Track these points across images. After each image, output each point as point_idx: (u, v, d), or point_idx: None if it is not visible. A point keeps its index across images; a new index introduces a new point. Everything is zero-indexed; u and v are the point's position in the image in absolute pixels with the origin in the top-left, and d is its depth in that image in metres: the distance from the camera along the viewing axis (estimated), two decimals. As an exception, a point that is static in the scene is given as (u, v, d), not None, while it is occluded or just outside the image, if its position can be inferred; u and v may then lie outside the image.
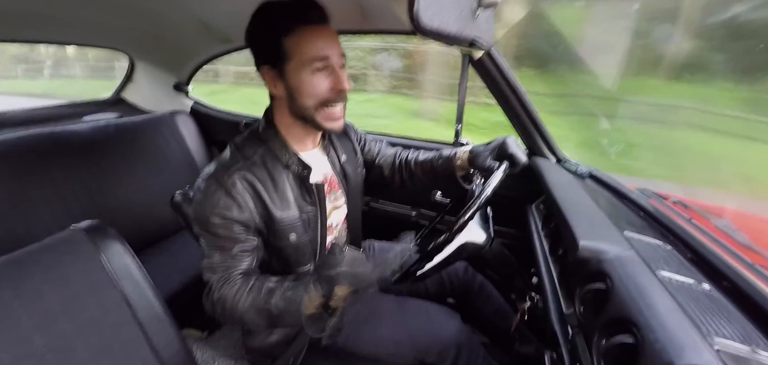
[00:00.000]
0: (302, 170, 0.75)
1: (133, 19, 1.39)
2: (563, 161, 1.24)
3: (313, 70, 0.68)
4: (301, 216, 0.76)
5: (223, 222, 0.69)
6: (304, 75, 0.68)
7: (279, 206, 0.73)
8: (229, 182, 0.69)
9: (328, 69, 0.69)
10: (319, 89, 0.69)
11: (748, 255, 0.64)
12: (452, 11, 0.58)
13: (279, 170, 0.74)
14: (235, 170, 0.70)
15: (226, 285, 0.71)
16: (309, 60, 0.67)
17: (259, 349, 0.89)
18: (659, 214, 0.83)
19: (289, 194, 0.75)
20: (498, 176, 0.79)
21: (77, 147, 1.36)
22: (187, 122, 1.84)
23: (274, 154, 0.74)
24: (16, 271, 0.58)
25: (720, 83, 4.09)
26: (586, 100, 4.60)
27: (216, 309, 0.72)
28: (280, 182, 0.74)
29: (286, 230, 0.75)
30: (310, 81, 0.68)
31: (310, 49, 0.66)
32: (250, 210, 0.71)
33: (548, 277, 0.81)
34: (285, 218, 0.74)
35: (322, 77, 0.69)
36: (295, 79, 0.68)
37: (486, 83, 1.21)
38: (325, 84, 0.69)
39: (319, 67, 0.68)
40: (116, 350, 0.63)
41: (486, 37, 0.77)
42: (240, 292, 0.70)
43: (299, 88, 0.69)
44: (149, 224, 1.51)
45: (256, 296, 0.69)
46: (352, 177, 0.92)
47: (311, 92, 0.69)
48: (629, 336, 0.47)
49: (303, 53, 0.66)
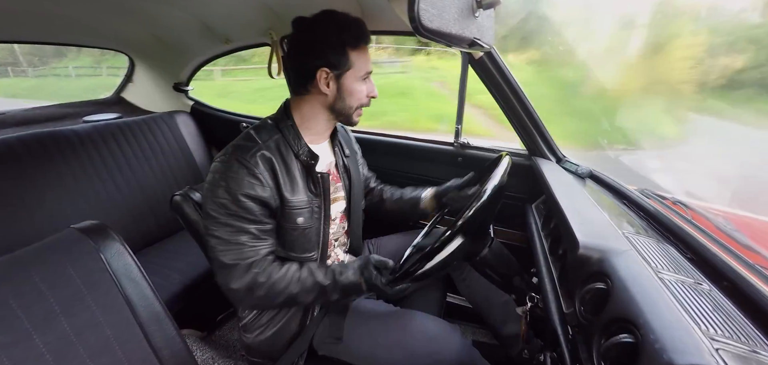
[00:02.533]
0: (310, 159, 0.83)
1: (133, 19, 1.39)
2: (563, 161, 1.24)
3: (363, 80, 0.84)
4: (309, 203, 0.84)
5: (247, 201, 0.73)
6: (358, 83, 0.83)
7: (290, 188, 0.80)
8: (251, 161, 0.75)
9: (367, 79, 0.85)
10: (362, 97, 0.85)
11: (748, 255, 0.64)
12: (452, 12, 0.59)
13: (291, 157, 0.82)
14: (256, 150, 0.76)
15: (271, 268, 0.77)
16: (364, 72, 0.83)
17: (258, 349, 0.89)
18: (659, 214, 0.83)
19: (299, 180, 0.82)
20: (498, 176, 0.78)
21: (78, 147, 1.35)
22: (187, 122, 1.84)
23: (287, 142, 0.82)
24: (16, 271, 0.58)
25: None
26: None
27: (258, 293, 0.76)
28: (291, 167, 0.81)
29: (295, 212, 0.81)
30: (360, 88, 0.84)
31: (365, 64, 0.83)
32: (271, 188, 0.77)
33: (548, 277, 0.82)
34: (294, 201, 0.81)
35: (365, 86, 0.85)
36: (351, 85, 0.82)
37: (486, 83, 1.21)
38: (365, 91, 0.85)
39: (365, 78, 0.84)
40: (116, 350, 0.63)
41: (486, 37, 0.78)
42: (289, 273, 0.78)
43: (352, 92, 0.83)
44: (149, 224, 1.51)
45: (306, 274, 0.80)
46: (353, 174, 0.99)
47: (358, 96, 0.84)
48: (629, 335, 0.47)
49: (362, 67, 0.82)
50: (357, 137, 1.54)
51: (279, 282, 0.77)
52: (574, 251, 0.66)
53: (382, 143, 1.53)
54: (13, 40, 1.41)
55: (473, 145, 1.40)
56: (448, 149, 1.42)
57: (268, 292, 0.77)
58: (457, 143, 1.40)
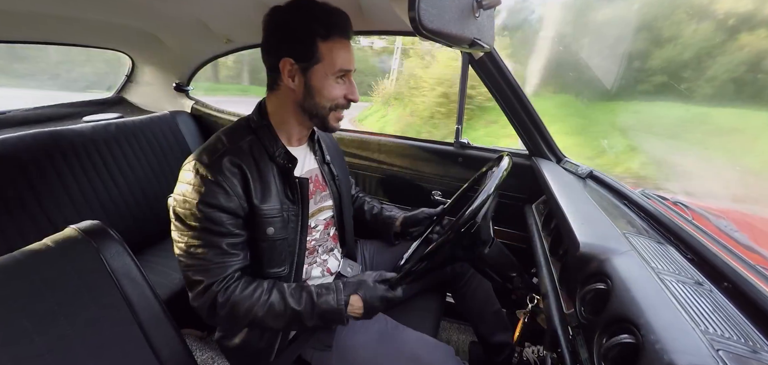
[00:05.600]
0: (287, 162, 0.76)
1: (134, 19, 1.39)
2: (563, 161, 1.24)
3: (336, 78, 0.74)
4: (282, 212, 0.76)
5: (210, 212, 0.66)
6: (328, 81, 0.73)
7: (260, 196, 0.72)
8: (214, 168, 0.67)
9: (345, 78, 0.76)
10: (336, 95, 0.75)
11: (748, 255, 0.64)
12: (453, 12, 0.58)
13: (265, 161, 0.75)
14: (222, 154, 0.69)
15: (233, 287, 0.69)
16: (336, 69, 0.72)
17: (239, 354, 0.84)
18: (660, 214, 0.83)
19: (273, 186, 0.75)
20: (498, 176, 0.79)
21: (78, 147, 1.35)
22: (188, 122, 1.84)
23: (262, 144, 0.76)
24: (16, 271, 0.58)
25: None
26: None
27: (220, 313, 0.69)
28: (265, 172, 0.74)
29: (265, 221, 0.73)
30: (332, 87, 0.74)
31: (340, 60, 0.72)
32: (238, 196, 0.69)
33: (549, 277, 0.81)
34: (264, 209, 0.72)
35: (340, 86, 0.75)
36: (319, 81, 0.73)
37: (486, 83, 1.21)
38: (341, 92, 0.75)
39: (341, 76, 0.74)
40: (116, 350, 0.63)
41: (487, 37, 0.77)
42: (255, 295, 0.70)
43: (320, 90, 0.73)
44: (149, 224, 1.51)
45: (277, 297, 0.72)
46: (340, 178, 0.94)
47: (330, 96, 0.74)
48: (630, 336, 0.47)
49: (333, 62, 0.72)
50: (357, 137, 1.55)
51: (241, 304, 0.69)
52: (575, 252, 0.66)
53: (382, 143, 1.53)
54: (13, 40, 1.41)
55: (473, 145, 1.40)
56: (448, 149, 1.42)
57: (229, 313, 0.69)
58: (457, 143, 1.40)
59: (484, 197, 0.73)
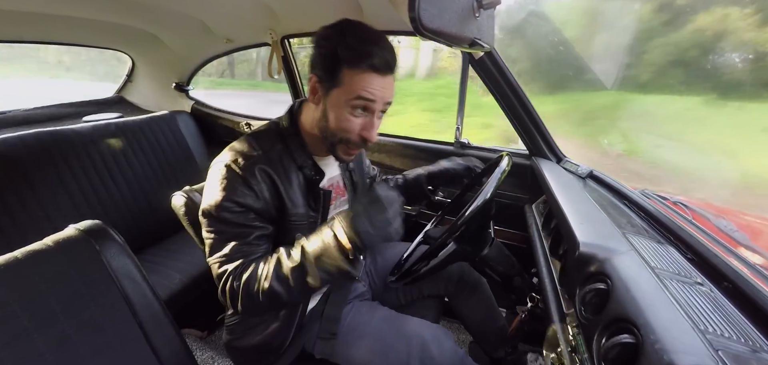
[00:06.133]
0: (314, 174, 0.77)
1: (134, 19, 1.39)
2: (563, 161, 1.24)
3: (352, 108, 0.68)
4: (308, 218, 0.77)
5: (240, 210, 0.68)
6: (343, 110, 0.68)
7: (290, 203, 0.74)
8: (247, 172, 0.69)
9: (365, 113, 0.70)
10: (348, 127, 0.70)
11: (748, 255, 0.64)
12: (453, 11, 0.59)
13: (294, 169, 0.75)
14: (254, 161, 0.70)
15: (247, 270, 0.69)
16: (354, 99, 0.67)
17: (246, 354, 0.85)
18: (660, 214, 0.83)
19: (299, 196, 0.76)
20: (497, 176, 0.79)
21: (78, 147, 1.36)
22: (188, 122, 1.84)
23: (290, 154, 0.75)
24: (16, 271, 0.58)
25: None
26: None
27: (237, 296, 0.68)
28: (293, 181, 0.75)
29: (295, 227, 0.75)
30: (345, 117, 0.69)
31: (360, 90, 0.66)
32: (266, 200, 0.71)
33: (549, 277, 0.81)
34: (295, 215, 0.75)
35: (356, 119, 0.69)
36: (334, 106, 0.69)
37: (486, 83, 1.21)
38: (356, 126, 0.70)
39: (359, 109, 0.68)
40: (116, 350, 0.63)
41: (487, 37, 0.77)
42: (260, 267, 0.68)
43: (334, 116, 0.70)
44: (149, 224, 1.51)
45: (276, 264, 0.67)
46: (359, 185, 0.95)
47: (341, 126, 0.70)
48: (630, 336, 0.47)
49: (352, 90, 0.66)
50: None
51: (250, 283, 0.67)
52: (575, 252, 0.66)
53: (382, 143, 1.53)
54: (13, 40, 1.42)
55: (473, 145, 1.40)
56: (449, 149, 1.43)
57: (246, 297, 0.68)
58: (457, 143, 1.40)
59: (484, 197, 0.73)
